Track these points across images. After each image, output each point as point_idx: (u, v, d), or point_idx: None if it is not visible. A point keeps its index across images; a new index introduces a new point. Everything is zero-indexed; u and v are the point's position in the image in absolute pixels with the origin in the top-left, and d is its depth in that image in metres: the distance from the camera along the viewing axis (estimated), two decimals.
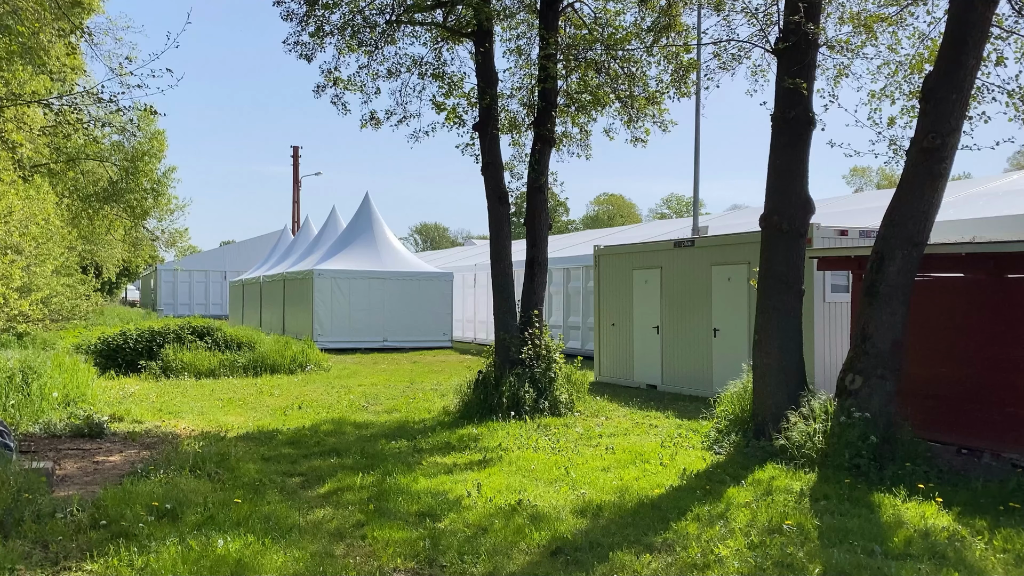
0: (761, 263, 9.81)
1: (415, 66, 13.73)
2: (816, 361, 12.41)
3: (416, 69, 13.72)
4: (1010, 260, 8.80)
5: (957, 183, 20.60)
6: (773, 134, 9.77)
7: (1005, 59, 9.59)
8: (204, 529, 6.28)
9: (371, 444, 10.13)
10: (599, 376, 17.61)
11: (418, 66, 13.72)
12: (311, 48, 13.37)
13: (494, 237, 13.49)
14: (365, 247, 27.55)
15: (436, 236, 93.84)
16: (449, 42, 13.89)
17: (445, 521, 6.76)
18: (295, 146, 50.15)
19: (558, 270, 23.93)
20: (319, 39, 13.25)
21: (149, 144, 27.92)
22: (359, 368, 20.57)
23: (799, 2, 9.02)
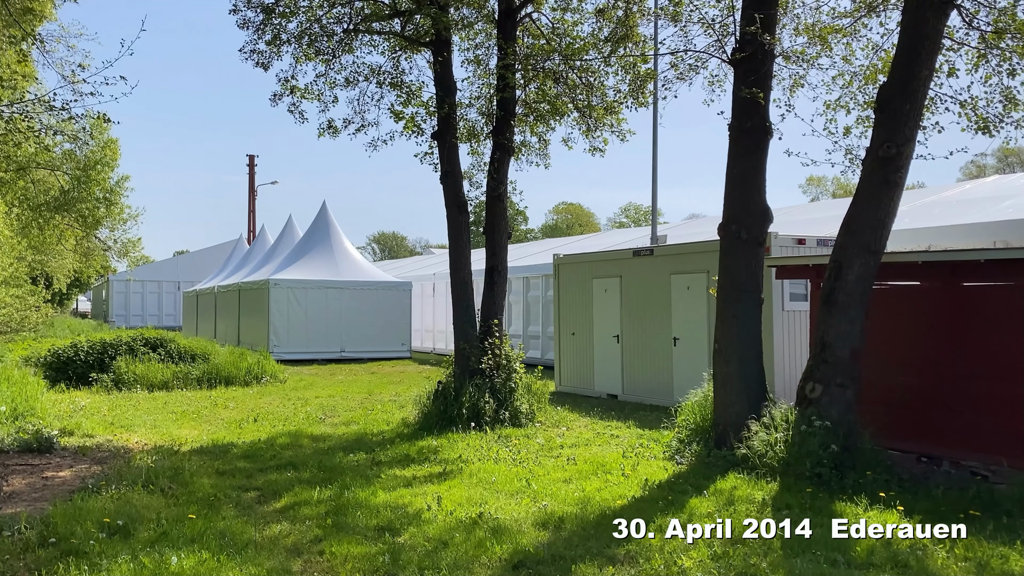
0: (720, 272, 9.84)
1: (373, 75, 13.63)
2: (776, 370, 12.49)
3: (374, 78, 13.63)
4: (966, 268, 8.94)
5: (912, 192, 21.02)
6: (730, 144, 9.82)
7: (957, 70, 9.77)
8: (157, 546, 6.17)
9: (328, 457, 9.98)
10: (560, 386, 17.57)
11: (376, 75, 13.62)
12: (268, 56, 13.20)
13: (453, 246, 13.40)
14: (322, 257, 27.26)
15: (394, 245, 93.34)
16: (407, 51, 13.80)
17: (405, 535, 6.68)
18: (251, 155, 49.57)
19: (518, 279, 23.88)
20: (276, 48, 13.08)
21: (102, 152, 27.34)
22: (316, 379, 20.30)
23: (755, 13, 9.08)
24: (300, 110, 13.39)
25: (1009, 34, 9.19)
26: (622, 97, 12.76)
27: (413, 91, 13.36)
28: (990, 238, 12.93)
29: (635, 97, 12.57)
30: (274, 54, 13.16)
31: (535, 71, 13.20)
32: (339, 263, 27.23)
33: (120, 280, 49.76)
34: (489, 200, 13.41)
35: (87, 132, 17.07)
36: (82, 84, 10.81)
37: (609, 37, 12.33)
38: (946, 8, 8.56)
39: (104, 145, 27.54)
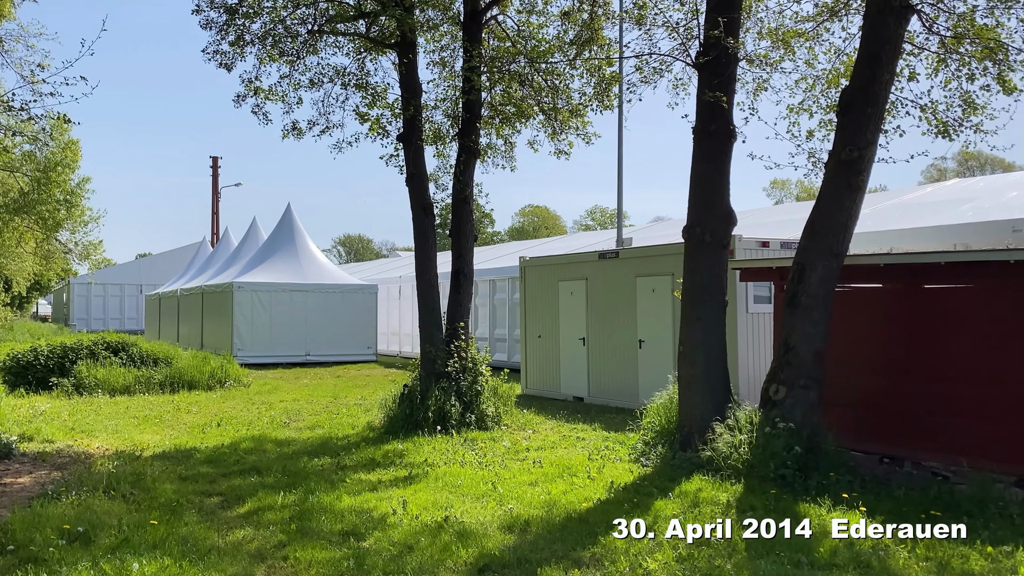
0: (684, 274, 9.88)
1: (338, 76, 13.52)
2: (740, 372, 12.57)
3: (339, 79, 13.52)
4: (927, 271, 9.06)
5: (874, 195, 21.31)
6: (695, 147, 9.87)
7: (917, 75, 9.91)
8: (118, 552, 6.09)
9: (293, 462, 9.90)
10: (526, 388, 17.55)
11: (341, 76, 13.52)
12: (231, 57, 13.03)
13: (419, 249, 13.34)
14: (287, 259, 27.01)
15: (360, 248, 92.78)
16: (372, 53, 13.71)
17: (370, 540, 6.66)
18: (214, 156, 48.99)
19: (484, 282, 23.83)
20: (239, 48, 12.91)
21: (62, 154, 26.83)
22: (281, 383, 20.11)
23: (719, 17, 9.14)
24: (264, 111, 13.25)
25: (968, 39, 9.34)
26: (587, 100, 12.81)
27: (378, 93, 13.29)
28: (950, 241, 13.14)
29: (600, 100, 12.62)
30: (238, 55, 13.00)
31: (501, 73, 13.20)
32: (304, 266, 27.00)
33: (81, 283, 48.95)
34: (455, 202, 13.37)
35: (47, 133, 16.74)
36: (42, 84, 10.66)
37: (574, 40, 12.36)
38: (906, 13, 8.68)
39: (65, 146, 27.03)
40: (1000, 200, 14.57)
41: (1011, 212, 13.08)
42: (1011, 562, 5.77)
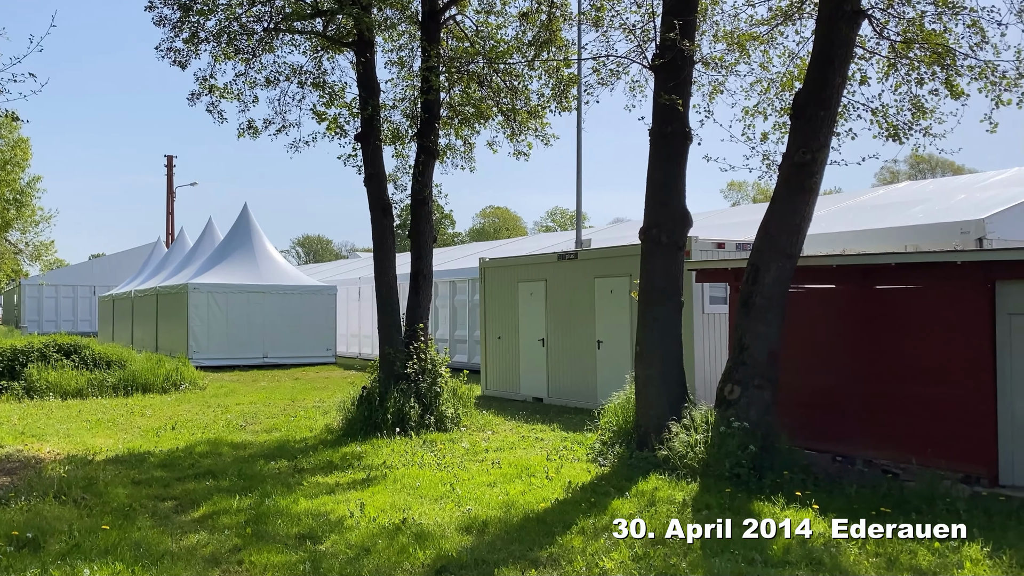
0: (641, 276, 9.95)
1: (295, 75, 13.39)
2: (696, 372, 12.69)
3: (296, 78, 13.39)
4: (878, 272, 9.24)
5: (829, 197, 21.66)
6: (651, 149, 9.95)
7: (868, 78, 10.11)
8: (69, 559, 6.01)
9: (249, 465, 9.81)
10: (486, 390, 17.54)
11: (298, 75, 13.39)
12: (185, 55, 12.82)
13: (378, 249, 13.26)
14: (244, 260, 26.66)
15: (319, 248, 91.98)
16: (330, 51, 13.61)
17: (327, 543, 6.63)
18: (169, 155, 48.15)
19: (444, 283, 23.77)
20: (194, 46, 12.72)
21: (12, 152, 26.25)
22: (237, 386, 19.86)
23: (674, 19, 9.21)
24: (219, 110, 13.06)
25: (917, 44, 9.55)
26: (546, 101, 12.85)
27: (336, 92, 13.19)
28: (902, 242, 13.41)
29: (559, 101, 12.66)
30: (192, 52, 12.80)
31: (459, 74, 13.17)
32: (261, 267, 26.68)
33: (32, 284, 47.84)
34: (414, 203, 13.32)
35: None
36: None
37: (533, 41, 12.38)
38: (858, 18, 8.84)
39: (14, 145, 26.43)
40: (949, 202, 14.91)
41: (960, 214, 13.39)
42: (957, 556, 5.90)
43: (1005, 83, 9.28)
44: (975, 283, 8.30)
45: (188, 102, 13.06)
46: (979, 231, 12.34)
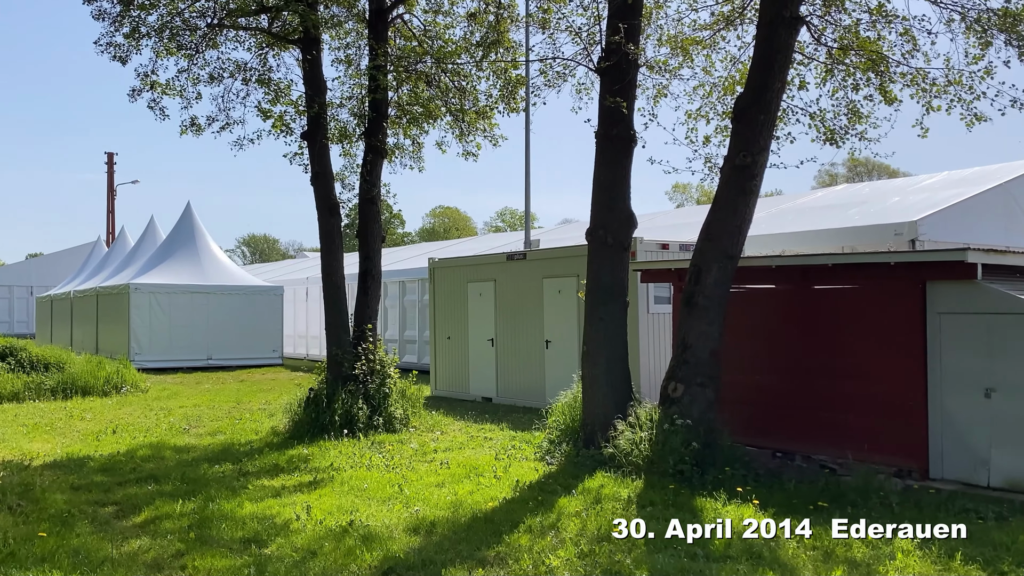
0: (588, 276, 10.07)
1: (239, 71, 13.24)
2: (642, 370, 12.87)
3: (240, 74, 13.24)
4: (816, 272, 9.49)
5: (769, 199, 22.10)
6: (597, 151, 10.06)
7: (807, 83, 10.37)
8: (3, 567, 5.89)
9: (193, 469, 9.68)
10: (435, 390, 17.53)
11: (242, 71, 13.24)
12: (126, 50, 12.61)
13: (325, 250, 13.17)
14: (187, 260, 26.20)
15: (266, 248, 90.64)
16: (275, 48, 13.48)
17: (272, 546, 6.58)
18: (110, 152, 47.13)
19: (393, 283, 23.66)
20: (135, 41, 12.51)
21: None
22: (181, 388, 19.52)
23: (620, 23, 9.34)
24: (161, 106, 12.86)
25: (853, 51, 9.83)
26: (494, 102, 12.90)
27: (282, 89, 13.08)
28: (839, 243, 13.77)
29: (507, 102, 12.72)
30: (133, 48, 12.60)
31: (407, 73, 13.14)
32: (205, 266, 26.25)
33: None
34: (362, 203, 13.26)
35: None
36: None
37: (481, 42, 12.42)
38: (796, 24, 9.07)
39: None
40: (884, 205, 15.36)
41: (894, 216, 13.80)
42: (889, 548, 6.11)
43: (935, 90, 9.61)
44: (907, 283, 8.59)
45: (129, 98, 12.83)
46: (912, 233, 12.74)
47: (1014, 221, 14.36)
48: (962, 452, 8.16)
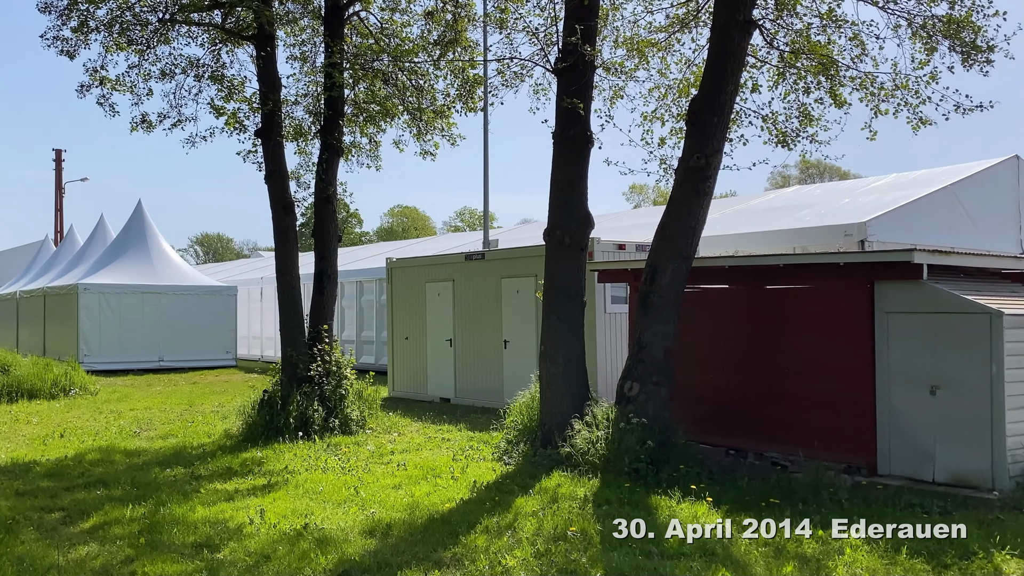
0: (545, 276, 10.11)
1: (192, 67, 13.05)
2: (599, 370, 12.94)
3: (193, 71, 13.05)
4: (768, 272, 9.63)
5: (724, 200, 22.40)
6: (554, 152, 10.10)
7: (759, 86, 10.53)
8: None
9: (143, 473, 9.53)
10: (393, 391, 17.45)
11: (195, 68, 13.05)
12: (74, 44, 12.35)
13: (280, 249, 13.02)
14: (138, 259, 25.73)
15: (219, 247, 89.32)
16: (229, 44, 13.31)
17: (225, 551, 6.51)
18: (58, 149, 46.02)
19: (351, 283, 23.49)
20: (83, 35, 12.25)
21: None
22: (131, 391, 19.16)
23: (576, 24, 9.38)
24: (111, 103, 12.62)
25: (804, 55, 10.00)
26: (451, 101, 12.88)
27: (235, 86, 12.91)
28: (791, 244, 14.00)
29: (465, 101, 12.71)
30: (81, 42, 12.34)
31: (364, 71, 13.07)
32: (157, 266, 25.80)
33: None
34: (318, 201, 13.15)
35: None
36: None
37: (438, 40, 12.40)
38: (749, 28, 9.20)
39: None
40: (834, 206, 15.65)
41: (843, 217, 14.08)
42: (839, 543, 6.23)
43: (883, 94, 9.83)
44: (856, 283, 8.76)
45: (77, 94, 12.57)
46: (861, 233, 13.01)
47: (959, 223, 14.75)
48: (908, 448, 8.35)
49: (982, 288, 8.63)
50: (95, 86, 12.50)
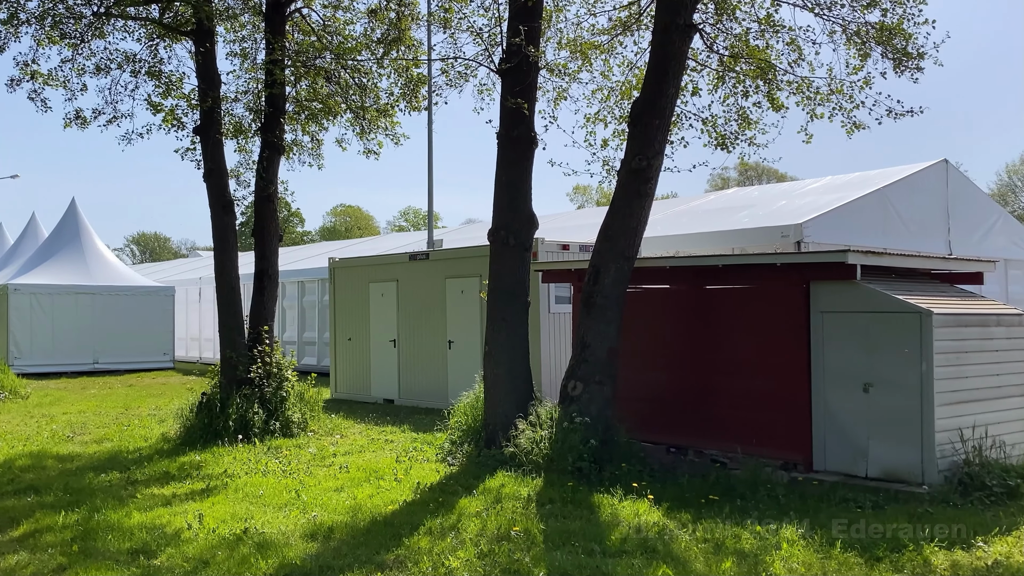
0: (490, 276, 10.12)
1: (128, 63, 12.76)
2: (543, 369, 13.00)
3: (129, 66, 12.77)
4: (708, 272, 9.79)
5: (665, 201, 22.68)
6: (499, 152, 10.12)
7: (700, 89, 10.70)
8: None
9: (77, 478, 9.27)
10: (336, 393, 17.27)
11: (131, 63, 12.77)
12: (3, 37, 11.93)
13: (219, 249, 12.78)
14: (71, 259, 25.05)
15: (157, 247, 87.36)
16: (167, 40, 13.02)
17: (162, 557, 6.37)
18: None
19: (292, 283, 23.20)
20: (13, 28, 11.86)
21: None
22: (64, 394, 18.62)
23: (520, 25, 9.41)
24: (43, 98, 12.23)
25: (743, 59, 10.20)
26: (395, 100, 12.82)
27: (173, 82, 12.64)
28: (730, 245, 14.24)
29: (408, 101, 12.63)
30: (11, 35, 11.94)
31: (306, 68, 12.93)
32: (91, 266, 25.16)
33: None
34: (258, 200, 12.96)
35: None
36: None
37: (382, 39, 12.30)
38: (690, 31, 9.34)
39: None
40: (772, 208, 15.97)
41: (781, 219, 14.38)
42: (776, 538, 6.36)
43: (819, 98, 10.09)
44: (792, 283, 8.96)
45: (7, 88, 12.15)
46: (797, 235, 13.29)
47: (891, 225, 15.17)
48: (843, 444, 8.56)
49: (913, 288, 8.90)
50: (26, 80, 12.12)
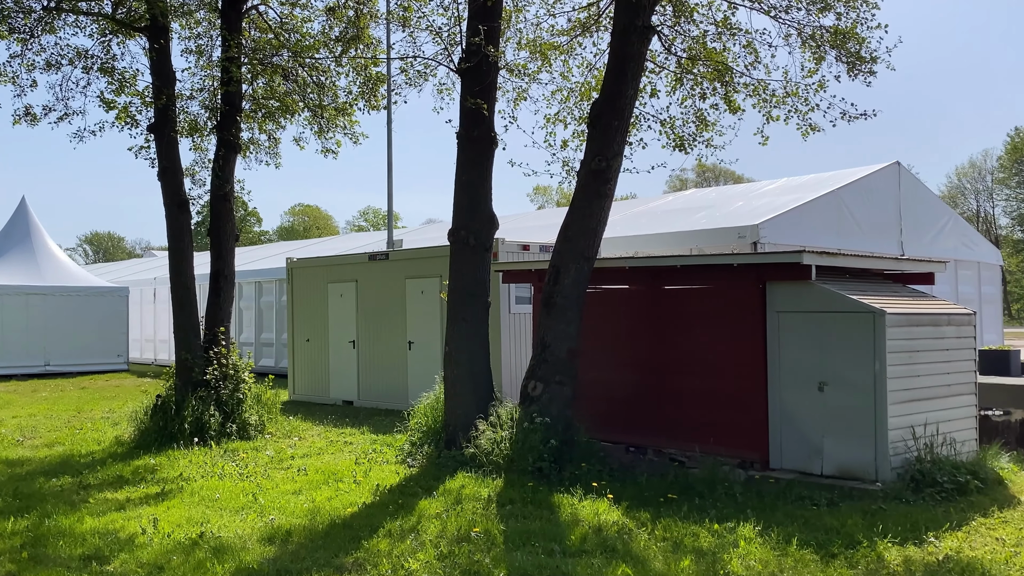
0: (450, 277, 10.09)
1: (80, 59, 12.49)
2: (504, 370, 12.99)
3: (81, 62, 12.49)
4: (666, 273, 9.87)
5: (624, 202, 22.83)
6: (459, 152, 10.10)
7: (658, 91, 10.78)
8: None
9: (27, 483, 9.06)
10: (294, 394, 17.10)
11: (83, 59, 12.49)
12: None
13: (174, 248, 12.59)
14: (21, 259, 24.50)
15: (110, 247, 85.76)
16: (120, 36, 12.77)
17: (115, 562, 6.26)
18: None
19: (249, 284, 22.92)
20: None
21: None
22: (14, 397, 18.19)
23: (480, 25, 9.40)
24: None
25: (701, 61, 10.30)
26: (354, 99, 12.73)
27: (127, 79, 12.39)
28: (688, 245, 14.38)
29: (367, 100, 12.56)
30: None
31: (263, 66, 12.78)
32: (42, 266, 24.63)
33: None
34: (214, 199, 12.79)
35: None
36: None
37: (340, 37, 12.21)
38: (648, 33, 9.41)
39: None
40: (729, 209, 16.17)
41: (737, 220, 14.56)
42: (733, 536, 6.43)
43: (775, 101, 10.23)
44: (749, 283, 9.06)
45: None
46: (754, 236, 13.47)
47: (845, 225, 15.44)
48: (799, 443, 8.69)
49: (866, 288, 9.05)
50: None
